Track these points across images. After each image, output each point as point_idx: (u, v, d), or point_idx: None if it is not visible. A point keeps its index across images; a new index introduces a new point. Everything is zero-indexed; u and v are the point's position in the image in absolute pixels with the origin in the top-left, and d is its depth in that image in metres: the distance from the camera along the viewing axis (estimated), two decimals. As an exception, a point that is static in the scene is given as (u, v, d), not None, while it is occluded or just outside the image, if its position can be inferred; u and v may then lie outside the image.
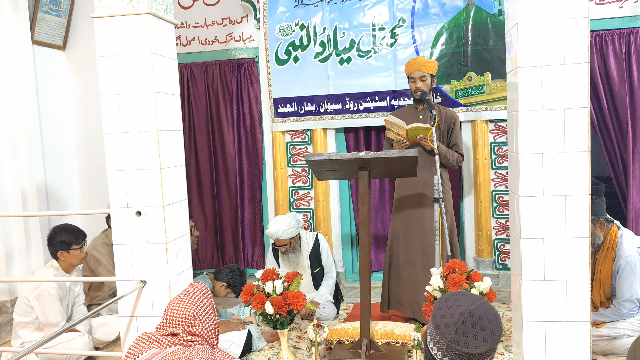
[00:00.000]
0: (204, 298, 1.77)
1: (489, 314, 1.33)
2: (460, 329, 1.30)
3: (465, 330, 1.29)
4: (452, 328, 1.30)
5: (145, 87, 2.41)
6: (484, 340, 1.29)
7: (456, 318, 1.31)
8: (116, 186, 2.49)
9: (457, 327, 1.30)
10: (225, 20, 4.78)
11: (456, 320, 1.31)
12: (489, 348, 1.30)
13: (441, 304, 1.37)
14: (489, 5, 4.15)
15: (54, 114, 4.77)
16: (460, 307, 1.32)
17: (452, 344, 1.29)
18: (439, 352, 1.32)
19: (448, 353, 1.30)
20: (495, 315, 1.35)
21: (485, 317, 1.31)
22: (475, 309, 1.32)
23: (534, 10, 2.23)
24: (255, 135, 4.86)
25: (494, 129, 4.31)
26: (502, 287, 4.33)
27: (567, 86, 2.23)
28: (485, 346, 1.29)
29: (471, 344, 1.29)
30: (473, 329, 1.30)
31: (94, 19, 2.44)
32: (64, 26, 4.78)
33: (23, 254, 4.29)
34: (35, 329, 3.37)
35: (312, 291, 4.03)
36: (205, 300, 1.77)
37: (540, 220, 2.30)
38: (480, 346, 1.29)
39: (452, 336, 1.30)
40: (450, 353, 1.30)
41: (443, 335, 1.31)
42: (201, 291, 1.80)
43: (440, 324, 1.32)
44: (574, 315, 2.30)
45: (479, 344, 1.29)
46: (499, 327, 1.33)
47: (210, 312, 1.76)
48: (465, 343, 1.29)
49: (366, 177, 2.95)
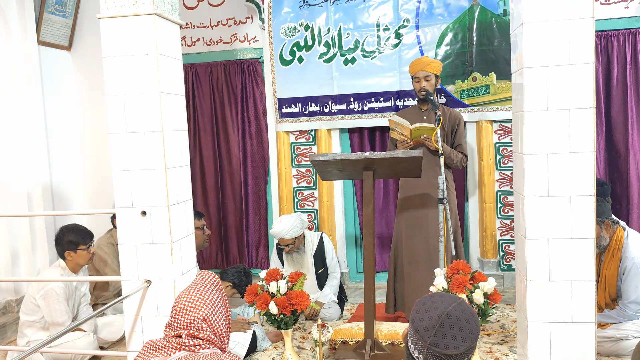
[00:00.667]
0: (215, 292, 1.64)
1: (466, 314, 1.35)
2: (439, 331, 1.32)
3: (444, 332, 1.32)
4: (431, 331, 1.33)
5: (151, 87, 2.42)
6: (462, 340, 1.32)
7: (434, 321, 1.33)
8: (121, 186, 2.50)
9: (436, 329, 1.33)
10: (230, 21, 4.79)
11: (434, 323, 1.33)
12: (468, 347, 1.33)
13: (419, 307, 1.39)
14: (493, 5, 4.14)
15: (60, 114, 4.79)
16: (437, 310, 1.35)
17: (432, 347, 1.32)
18: (420, 354, 1.35)
19: (429, 356, 1.33)
20: (472, 314, 1.37)
21: (463, 318, 1.34)
22: (452, 310, 1.34)
23: (539, 11, 2.23)
24: (260, 135, 4.87)
25: (498, 129, 4.30)
26: (507, 287, 4.32)
27: (572, 86, 2.23)
28: (464, 346, 1.32)
29: (450, 345, 1.31)
30: (451, 330, 1.32)
31: (100, 20, 2.45)
32: (70, 27, 4.80)
33: (28, 254, 4.31)
34: (41, 328, 3.39)
35: (316, 291, 4.03)
36: (217, 295, 1.64)
37: (546, 221, 2.29)
38: (459, 346, 1.32)
39: (432, 339, 1.32)
40: (430, 356, 1.33)
41: (422, 338, 1.33)
42: (211, 283, 1.66)
43: (419, 327, 1.35)
44: (579, 317, 2.30)
45: (458, 345, 1.31)
46: (476, 325, 1.36)
47: (221, 310, 1.63)
48: (445, 345, 1.31)
49: (370, 178, 2.95)
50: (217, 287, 1.67)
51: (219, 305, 1.63)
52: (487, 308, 2.78)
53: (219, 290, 1.67)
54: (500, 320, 3.73)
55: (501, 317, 3.78)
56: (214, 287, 1.66)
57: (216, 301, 1.62)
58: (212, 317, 1.59)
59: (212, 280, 1.68)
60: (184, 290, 1.64)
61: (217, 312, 1.61)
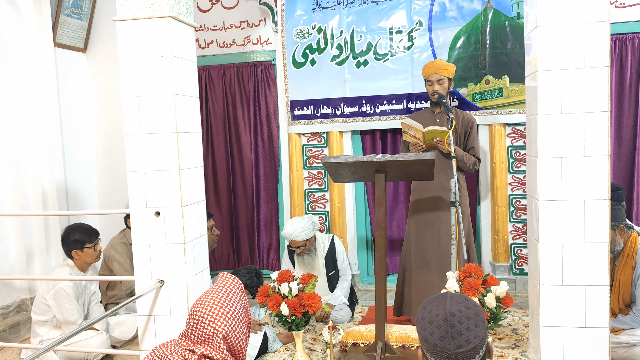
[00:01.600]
0: (237, 303, 1.47)
1: (461, 305, 1.36)
2: (453, 331, 1.32)
3: (459, 330, 1.32)
4: (447, 339, 1.33)
5: (166, 89, 2.44)
6: (475, 326, 1.33)
7: (443, 329, 1.33)
8: (136, 187, 2.52)
9: (452, 334, 1.32)
10: (243, 24, 4.82)
11: (446, 329, 1.33)
12: (482, 330, 1.34)
13: (421, 323, 1.38)
14: (507, 8, 4.13)
15: (75, 115, 4.84)
16: (439, 316, 1.35)
17: (457, 349, 1.32)
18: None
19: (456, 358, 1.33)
20: (466, 299, 1.39)
21: (463, 307, 1.35)
22: (449, 307, 1.35)
23: (554, 14, 2.22)
24: (272, 137, 4.89)
25: (511, 132, 4.29)
26: (519, 292, 4.30)
27: (587, 90, 2.22)
28: (476, 331, 1.33)
29: (469, 337, 1.32)
30: (461, 325, 1.33)
31: (116, 22, 2.48)
32: (85, 29, 4.86)
33: (43, 253, 4.36)
34: (54, 327, 3.43)
35: (327, 294, 4.04)
36: (239, 305, 1.48)
37: (559, 225, 2.28)
38: (475, 335, 1.32)
39: (452, 344, 1.32)
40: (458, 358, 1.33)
41: (444, 349, 1.33)
42: (234, 292, 1.50)
43: (434, 341, 1.34)
44: (593, 321, 2.28)
45: (470, 337, 1.32)
46: (475, 307, 1.37)
47: (243, 324, 1.46)
48: (467, 340, 1.32)
49: (382, 180, 2.95)
50: (240, 295, 1.52)
51: (241, 318, 1.48)
52: (499, 312, 2.77)
53: (242, 299, 1.53)
54: (512, 324, 3.71)
55: (513, 322, 3.75)
56: (237, 297, 1.51)
57: (239, 314, 1.47)
58: (233, 334, 1.44)
59: (235, 287, 1.53)
60: (204, 296, 1.49)
61: (239, 327, 1.45)
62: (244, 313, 1.53)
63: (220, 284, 1.54)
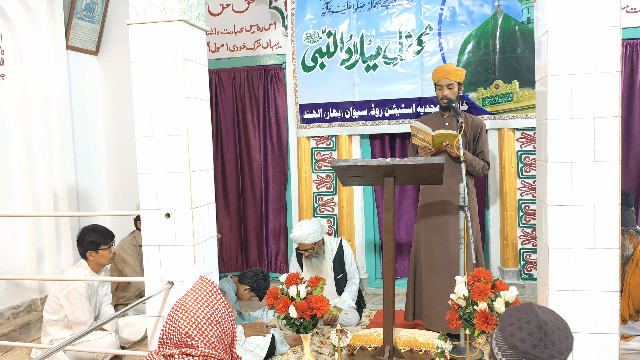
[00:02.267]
0: (207, 303, 1.51)
1: (551, 316, 1.35)
2: (547, 341, 1.30)
3: (552, 340, 1.30)
4: (541, 347, 1.29)
5: (177, 92, 2.47)
6: (566, 338, 1.33)
7: (537, 336, 1.30)
8: (147, 188, 2.54)
9: (545, 342, 1.30)
10: (253, 27, 4.85)
11: (539, 337, 1.30)
12: (572, 343, 1.35)
13: (509, 329, 1.34)
14: (517, 13, 4.13)
15: (86, 117, 4.89)
16: (531, 323, 1.32)
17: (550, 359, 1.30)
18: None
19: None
20: (552, 310, 1.39)
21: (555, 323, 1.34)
22: (542, 315, 1.33)
23: (565, 19, 2.22)
24: (281, 140, 4.91)
25: (520, 137, 4.28)
26: (528, 297, 4.28)
27: (597, 95, 2.21)
28: (567, 343, 1.32)
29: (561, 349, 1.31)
30: (554, 335, 1.31)
31: (129, 26, 2.50)
32: (97, 32, 4.91)
33: (53, 253, 4.40)
34: (64, 327, 3.45)
35: (334, 297, 4.04)
36: (209, 306, 1.52)
37: (569, 230, 2.27)
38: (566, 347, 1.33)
39: (546, 353, 1.29)
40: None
41: (536, 357, 1.29)
42: (203, 293, 1.55)
43: (525, 349, 1.30)
44: (603, 327, 2.27)
45: (562, 348, 1.31)
46: (563, 320, 1.37)
47: (213, 322, 1.50)
48: (559, 351, 1.30)
49: (391, 184, 2.95)
50: (210, 296, 1.56)
51: (213, 316, 1.52)
52: (508, 317, 2.75)
53: (213, 299, 1.56)
54: (521, 329, 3.69)
55: (521, 327, 3.74)
56: (205, 298, 1.56)
57: (207, 313, 1.52)
58: (201, 332, 1.49)
59: (204, 289, 1.58)
60: (175, 303, 1.55)
61: (207, 325, 1.51)
62: (215, 312, 1.55)
63: (190, 289, 1.55)
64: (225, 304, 1.59)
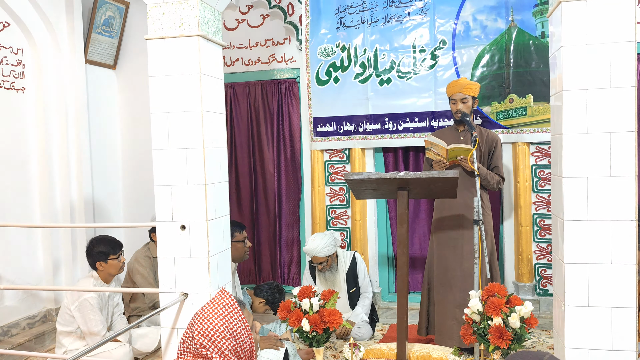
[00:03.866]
0: (220, 316, 1.56)
1: None
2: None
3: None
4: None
5: (194, 105, 2.50)
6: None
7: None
8: (162, 200, 2.57)
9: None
10: (268, 42, 4.90)
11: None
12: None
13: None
14: (531, 27, 4.14)
15: (103, 129, 4.97)
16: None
17: None
18: None
19: None
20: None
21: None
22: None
23: (580, 34, 2.23)
24: (294, 153, 4.93)
25: (535, 151, 4.26)
26: (543, 313, 4.23)
27: (613, 110, 2.21)
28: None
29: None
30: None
31: (147, 41, 2.55)
32: (115, 46, 5.00)
33: (69, 264, 4.45)
34: (78, 338, 3.48)
35: (347, 311, 4.03)
36: (227, 319, 1.56)
37: (585, 245, 2.26)
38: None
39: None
40: None
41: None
42: (220, 307, 1.58)
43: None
44: (620, 344, 2.24)
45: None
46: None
47: (227, 337, 1.54)
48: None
49: (405, 197, 2.95)
50: (226, 309, 1.59)
51: (227, 329, 1.56)
52: (524, 332, 2.73)
53: (229, 312, 1.59)
54: (536, 346, 3.65)
55: (537, 343, 3.69)
56: (221, 311, 1.59)
57: (221, 326, 1.55)
58: (214, 344, 1.52)
59: (222, 303, 1.61)
60: (194, 314, 1.61)
61: (221, 338, 1.54)
62: (232, 326, 1.58)
63: (209, 301, 1.64)
64: (243, 317, 1.60)
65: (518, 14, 4.16)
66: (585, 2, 2.22)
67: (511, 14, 4.18)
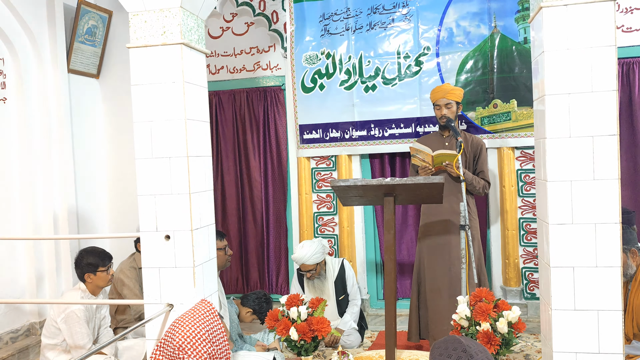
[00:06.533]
0: (200, 321, 1.57)
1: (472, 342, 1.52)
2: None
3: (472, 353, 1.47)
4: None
5: (177, 114, 2.48)
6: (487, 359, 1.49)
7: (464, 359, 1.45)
8: (146, 210, 2.54)
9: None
10: (253, 50, 4.89)
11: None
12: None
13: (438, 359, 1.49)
14: (514, 33, 4.17)
15: (87, 139, 4.91)
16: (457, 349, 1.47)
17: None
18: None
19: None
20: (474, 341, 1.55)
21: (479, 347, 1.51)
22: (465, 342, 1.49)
23: (561, 39, 2.24)
24: (281, 161, 4.92)
25: (520, 156, 4.28)
26: (531, 317, 4.24)
27: (595, 114, 2.22)
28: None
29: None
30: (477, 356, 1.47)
31: (130, 49, 2.53)
32: (98, 56, 4.95)
33: (53, 276, 4.38)
34: (63, 351, 3.41)
35: (336, 318, 4.00)
36: (207, 326, 1.56)
37: (570, 249, 2.26)
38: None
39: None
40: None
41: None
42: (200, 313, 1.59)
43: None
44: (606, 347, 2.24)
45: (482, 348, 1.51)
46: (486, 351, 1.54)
47: (207, 341, 1.55)
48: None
49: (392, 203, 2.95)
50: (207, 316, 1.58)
51: (207, 333, 1.57)
52: (512, 337, 2.73)
53: (210, 319, 1.60)
54: (525, 350, 3.65)
55: (525, 347, 3.70)
56: (202, 317, 1.61)
57: (202, 330, 1.58)
58: (194, 347, 1.54)
59: (203, 310, 1.63)
60: (174, 320, 1.60)
61: (201, 341, 1.56)
62: (210, 330, 1.63)
63: (190, 308, 1.61)
64: (222, 326, 1.60)
65: (501, 20, 4.20)
66: (566, 7, 2.24)
67: (494, 20, 4.21)
